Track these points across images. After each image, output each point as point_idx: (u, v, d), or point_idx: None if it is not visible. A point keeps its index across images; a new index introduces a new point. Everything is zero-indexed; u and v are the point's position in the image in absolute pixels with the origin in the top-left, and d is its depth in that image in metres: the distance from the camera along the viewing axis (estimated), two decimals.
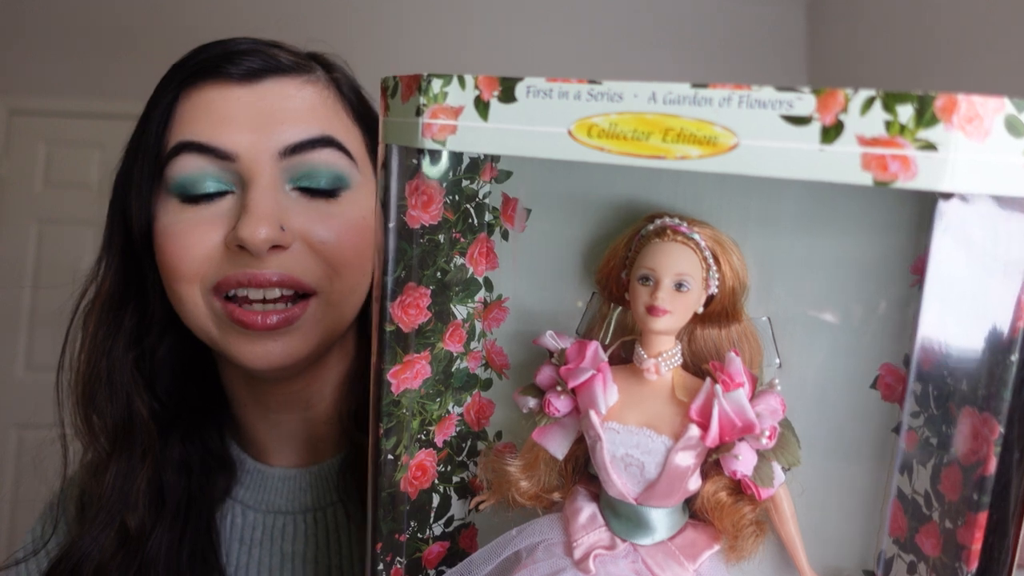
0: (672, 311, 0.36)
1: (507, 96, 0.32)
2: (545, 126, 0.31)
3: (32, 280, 3.04)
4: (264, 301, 0.50)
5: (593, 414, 0.37)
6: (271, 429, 0.58)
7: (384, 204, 0.36)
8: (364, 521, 0.55)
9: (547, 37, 3.38)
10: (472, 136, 0.32)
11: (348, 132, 0.54)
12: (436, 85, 0.33)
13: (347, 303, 0.53)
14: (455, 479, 0.44)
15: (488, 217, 0.42)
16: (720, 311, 0.38)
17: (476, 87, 0.33)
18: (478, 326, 0.43)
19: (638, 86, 0.31)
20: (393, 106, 0.35)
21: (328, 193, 0.52)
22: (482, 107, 0.32)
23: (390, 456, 0.40)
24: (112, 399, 0.53)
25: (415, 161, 0.37)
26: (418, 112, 0.33)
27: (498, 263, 0.43)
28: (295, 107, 0.51)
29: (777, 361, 0.38)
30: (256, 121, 0.50)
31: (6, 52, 3.11)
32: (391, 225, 0.37)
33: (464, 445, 0.44)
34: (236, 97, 0.50)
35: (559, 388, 0.38)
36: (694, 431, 0.35)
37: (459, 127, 0.33)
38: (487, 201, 0.42)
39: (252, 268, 0.49)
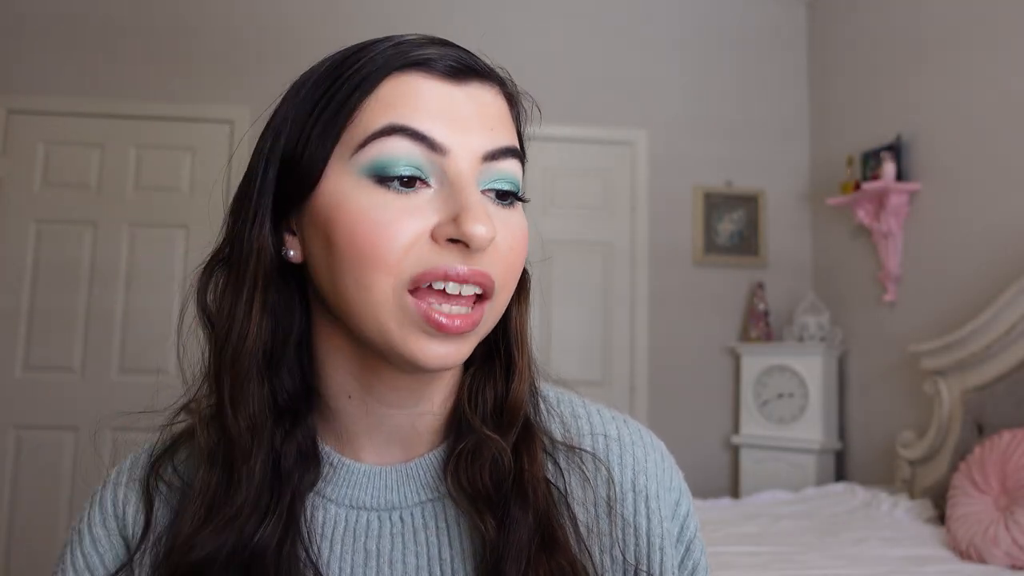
0: None
1: None
2: None
3: (31, 280, 3.03)
4: (460, 296, 0.51)
5: None
6: (374, 424, 0.58)
7: None
8: (464, 516, 0.56)
9: (548, 37, 3.38)
10: None
11: (516, 144, 0.57)
12: None
13: (501, 309, 0.55)
14: None
15: None
16: None
17: None
18: None
19: None
20: None
21: (508, 201, 0.54)
22: None
23: None
24: (261, 382, 0.54)
25: None
26: None
27: None
28: (495, 114, 0.54)
29: None
30: (467, 121, 0.51)
31: (6, 52, 3.10)
32: None
33: None
34: (450, 94, 0.52)
35: None
36: None
37: None
38: None
39: (457, 264, 0.50)
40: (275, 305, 0.55)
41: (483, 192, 0.53)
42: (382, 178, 0.50)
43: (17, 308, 3.00)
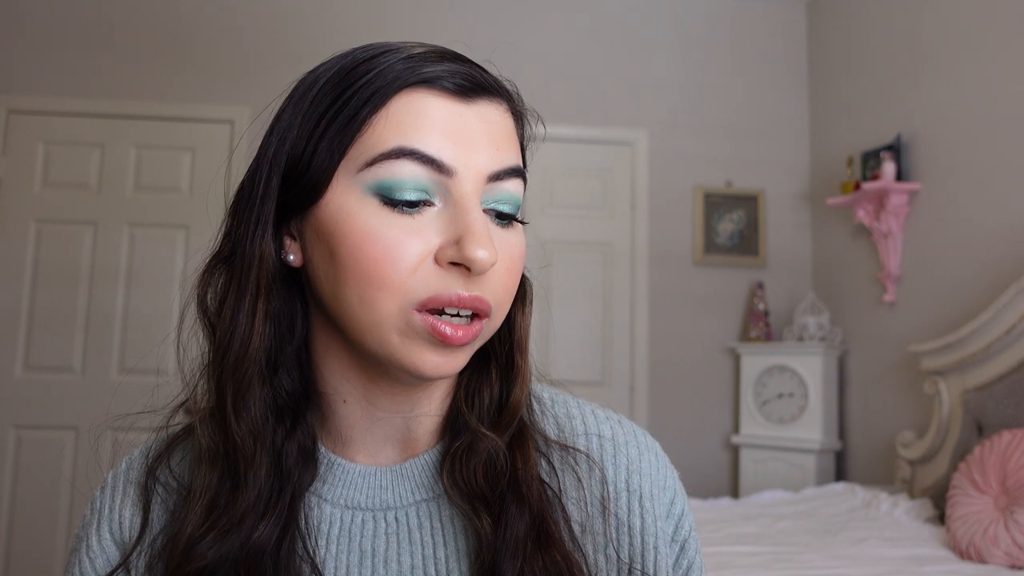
0: None
1: None
2: None
3: (31, 280, 3.03)
4: (457, 315, 0.52)
5: None
6: (369, 426, 0.58)
7: None
8: (459, 516, 0.56)
9: (548, 37, 3.38)
10: None
11: (520, 163, 0.57)
12: None
13: (497, 324, 0.56)
14: None
15: None
16: None
17: None
18: None
19: None
20: None
21: (508, 221, 0.55)
22: None
23: None
24: (261, 386, 0.54)
25: None
26: None
27: None
28: (501, 132, 0.54)
29: None
30: (474, 140, 0.52)
31: (6, 52, 3.10)
32: None
33: None
34: (459, 113, 0.52)
35: None
36: None
37: None
38: None
39: (459, 289, 0.51)
40: (277, 312, 0.55)
41: (484, 210, 0.53)
42: (389, 200, 0.50)
43: (17, 308, 3.00)
